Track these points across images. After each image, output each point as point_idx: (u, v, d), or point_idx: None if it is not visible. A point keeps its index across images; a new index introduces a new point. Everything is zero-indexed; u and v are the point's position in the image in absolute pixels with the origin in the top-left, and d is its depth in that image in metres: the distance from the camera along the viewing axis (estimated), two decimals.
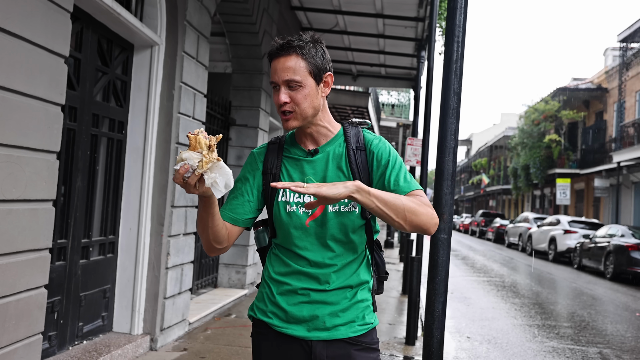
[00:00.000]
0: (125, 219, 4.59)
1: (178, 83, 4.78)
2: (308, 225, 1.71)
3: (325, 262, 1.70)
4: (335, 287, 1.70)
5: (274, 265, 1.77)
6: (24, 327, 3.02)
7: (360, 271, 1.76)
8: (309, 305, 1.69)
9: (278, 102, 1.69)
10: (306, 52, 1.69)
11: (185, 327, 5.21)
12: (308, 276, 1.70)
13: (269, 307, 1.74)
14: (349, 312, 1.71)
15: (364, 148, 1.76)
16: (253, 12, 6.80)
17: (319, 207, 1.70)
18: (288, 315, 1.70)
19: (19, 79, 2.87)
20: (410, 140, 9.02)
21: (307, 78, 1.68)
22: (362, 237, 1.75)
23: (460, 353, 5.59)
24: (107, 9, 3.87)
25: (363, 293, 1.75)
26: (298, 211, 1.72)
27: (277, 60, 1.68)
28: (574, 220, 18.11)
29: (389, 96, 23.87)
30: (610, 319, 8.05)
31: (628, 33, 20.74)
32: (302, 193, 1.49)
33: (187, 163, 1.46)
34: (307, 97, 1.68)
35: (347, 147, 1.75)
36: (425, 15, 8.01)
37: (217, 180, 1.49)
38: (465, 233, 36.71)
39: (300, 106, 1.68)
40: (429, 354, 2.60)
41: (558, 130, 28.07)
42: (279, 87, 1.68)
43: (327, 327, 1.69)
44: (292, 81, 1.66)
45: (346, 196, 1.51)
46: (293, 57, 1.67)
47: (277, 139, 1.84)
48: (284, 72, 1.66)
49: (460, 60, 2.60)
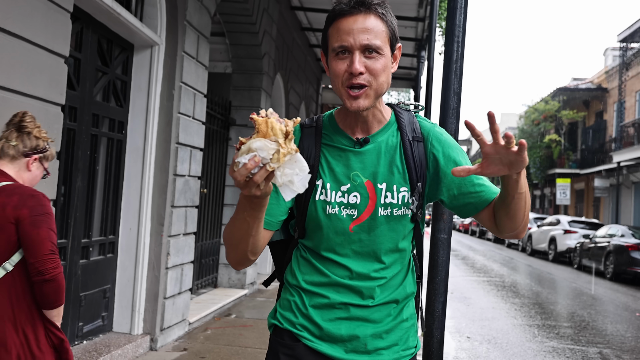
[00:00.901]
0: (125, 219, 4.59)
1: (178, 83, 4.78)
2: (352, 231, 1.44)
3: (371, 275, 1.44)
4: (379, 302, 1.45)
5: (305, 273, 1.48)
6: None
7: (407, 282, 1.52)
8: (348, 322, 1.44)
9: (350, 70, 1.34)
10: (387, 14, 1.40)
11: (185, 327, 5.22)
12: (349, 289, 1.44)
13: (299, 319, 1.47)
14: (392, 334, 1.48)
15: (421, 138, 1.48)
16: (253, 12, 6.80)
17: (367, 209, 1.43)
18: (323, 332, 1.44)
19: (19, 79, 2.87)
20: None
21: (386, 46, 1.38)
22: (410, 244, 1.52)
23: (460, 353, 5.59)
24: (107, 9, 3.87)
25: (408, 310, 1.53)
26: (341, 213, 1.43)
27: (352, 18, 1.36)
28: (574, 220, 18.11)
29: (388, 96, 23.88)
30: (610, 319, 8.05)
31: (628, 33, 20.74)
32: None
33: (258, 155, 1.13)
34: (385, 68, 1.37)
35: (402, 138, 1.46)
36: (425, 15, 8.01)
37: (294, 178, 1.16)
38: (465, 233, 36.70)
39: (378, 79, 1.36)
40: (429, 354, 2.60)
41: (558, 130, 28.07)
42: (349, 53, 1.36)
43: (369, 350, 1.44)
44: (372, 46, 1.34)
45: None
46: (373, 17, 1.37)
47: (313, 121, 1.51)
48: (363, 34, 1.34)
49: (460, 60, 2.59)
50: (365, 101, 1.36)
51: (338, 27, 1.36)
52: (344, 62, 1.36)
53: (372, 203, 1.44)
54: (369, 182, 1.44)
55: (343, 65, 1.36)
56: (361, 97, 1.35)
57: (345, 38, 1.34)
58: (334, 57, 1.38)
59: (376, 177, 1.44)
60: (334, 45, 1.37)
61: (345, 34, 1.34)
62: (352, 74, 1.34)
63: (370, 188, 1.44)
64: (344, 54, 1.36)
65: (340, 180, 1.44)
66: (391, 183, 1.44)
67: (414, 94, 9.90)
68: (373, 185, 1.44)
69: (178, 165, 4.79)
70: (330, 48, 1.39)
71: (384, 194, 1.44)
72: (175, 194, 4.80)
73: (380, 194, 1.44)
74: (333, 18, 1.39)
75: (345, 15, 1.36)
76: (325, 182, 1.45)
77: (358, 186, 1.44)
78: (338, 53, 1.36)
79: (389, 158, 1.45)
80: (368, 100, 1.36)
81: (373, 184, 1.44)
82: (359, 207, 1.44)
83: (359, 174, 1.44)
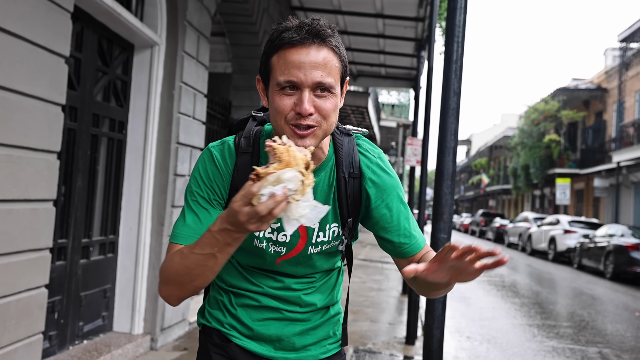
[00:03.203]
0: (126, 218, 4.60)
1: (178, 83, 4.78)
2: (279, 264, 1.38)
3: (298, 288, 1.42)
4: (308, 310, 1.43)
5: (232, 277, 1.42)
6: (25, 327, 3.02)
7: (336, 289, 1.50)
8: (277, 322, 1.40)
9: (299, 110, 1.19)
10: (340, 45, 1.26)
11: (186, 326, 5.22)
12: (277, 298, 1.41)
13: (227, 319, 1.42)
14: (320, 330, 1.46)
15: (358, 175, 1.36)
16: (253, 12, 6.80)
17: (296, 247, 1.37)
18: (253, 333, 1.41)
19: (20, 79, 2.88)
20: (410, 140, 9.02)
21: (338, 83, 1.25)
22: (339, 260, 1.48)
23: (460, 353, 5.59)
24: (107, 9, 3.88)
25: (334, 308, 1.50)
26: (269, 249, 1.35)
27: (304, 50, 1.19)
28: (573, 220, 18.12)
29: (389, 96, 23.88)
30: (610, 318, 8.05)
31: (628, 33, 20.75)
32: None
33: (287, 187, 1.03)
34: (336, 108, 1.24)
35: (337, 175, 1.35)
36: (425, 15, 8.01)
37: (310, 213, 1.08)
38: (465, 233, 36.71)
39: (328, 120, 1.22)
40: (429, 353, 2.60)
41: (558, 130, 28.07)
42: (297, 90, 1.20)
43: (297, 347, 1.42)
44: (325, 85, 1.20)
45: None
46: (327, 50, 1.21)
47: (250, 145, 1.34)
48: (316, 70, 1.19)
49: (460, 60, 2.60)
50: (312, 141, 1.21)
51: (286, 59, 1.19)
52: (289, 99, 1.20)
53: (302, 242, 1.36)
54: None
55: (289, 101, 1.19)
56: (308, 137, 1.21)
57: (295, 73, 1.18)
58: (278, 92, 1.21)
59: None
60: (279, 79, 1.20)
61: (295, 68, 1.18)
62: (301, 114, 1.19)
63: (302, 228, 1.35)
64: (291, 89, 1.20)
65: None
66: (324, 223, 1.36)
67: (414, 93, 9.90)
68: (305, 226, 1.33)
69: (178, 165, 4.79)
70: (274, 81, 1.22)
71: (316, 233, 1.37)
72: (176, 193, 4.80)
73: (312, 234, 1.36)
74: (279, 46, 1.21)
75: (296, 45, 1.19)
76: None
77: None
78: (284, 88, 1.20)
79: (323, 197, 1.35)
80: (315, 140, 1.22)
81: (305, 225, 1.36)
82: (287, 245, 1.36)
83: None
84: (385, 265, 12.35)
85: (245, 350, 1.41)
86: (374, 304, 7.41)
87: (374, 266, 12.07)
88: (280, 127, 1.22)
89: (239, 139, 1.35)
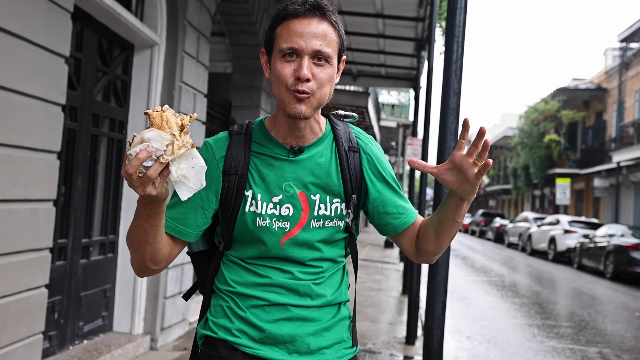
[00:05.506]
0: (126, 218, 4.60)
1: (178, 83, 4.78)
2: (284, 245, 1.37)
3: (307, 278, 1.40)
4: (319, 304, 1.40)
5: (237, 276, 1.41)
6: (25, 327, 3.02)
7: (343, 286, 1.48)
8: (290, 322, 1.37)
9: (298, 75, 1.27)
10: (339, 23, 1.34)
11: (186, 326, 5.22)
12: (287, 289, 1.38)
13: (236, 324, 1.37)
14: (333, 332, 1.42)
15: (357, 148, 1.43)
16: (253, 12, 6.80)
17: (300, 221, 1.38)
18: (264, 335, 1.36)
19: (20, 79, 2.88)
20: (410, 140, 9.03)
21: (335, 56, 1.33)
22: (342, 252, 1.48)
23: (460, 353, 5.59)
24: (107, 9, 3.88)
25: (346, 309, 1.49)
26: (272, 226, 1.36)
27: (306, 20, 1.29)
28: (573, 220, 18.12)
29: (389, 96, 23.89)
30: (610, 318, 8.05)
31: (628, 33, 20.75)
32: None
33: (151, 145, 1.07)
34: (331, 79, 1.31)
35: (337, 148, 1.41)
36: (425, 15, 8.01)
37: (189, 173, 1.12)
38: (465, 233, 36.71)
39: (322, 89, 1.30)
40: (429, 353, 2.60)
41: (558, 130, 28.08)
42: (298, 57, 1.28)
43: (312, 350, 1.37)
44: (324, 54, 1.28)
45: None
46: (327, 23, 1.31)
47: (242, 128, 1.42)
48: (316, 39, 1.28)
49: (460, 60, 2.60)
50: (308, 108, 1.29)
51: (289, 28, 1.28)
52: (290, 65, 1.28)
53: (305, 215, 1.37)
54: (302, 193, 1.38)
55: (289, 68, 1.28)
56: (304, 102, 1.28)
57: (297, 40, 1.27)
58: (280, 59, 1.29)
59: (310, 188, 1.38)
60: (282, 45, 1.28)
61: (297, 36, 1.27)
62: (299, 79, 1.26)
63: (304, 199, 1.37)
64: (291, 56, 1.28)
65: (272, 191, 1.37)
66: (325, 194, 1.39)
67: (414, 93, 9.90)
68: (306, 196, 1.38)
69: None
70: (277, 48, 1.31)
71: (317, 205, 1.38)
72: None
73: (314, 206, 1.38)
74: (284, 17, 1.30)
75: (299, 16, 1.29)
76: (255, 192, 1.37)
77: (291, 197, 1.37)
78: (285, 55, 1.28)
79: (324, 169, 1.39)
80: (310, 108, 1.29)
81: (307, 195, 1.38)
82: (291, 219, 1.37)
83: (292, 185, 1.37)
84: (385, 265, 12.36)
85: (254, 357, 1.36)
86: (374, 304, 7.41)
87: (374, 266, 12.07)
88: (281, 94, 1.30)
89: (233, 128, 1.45)
